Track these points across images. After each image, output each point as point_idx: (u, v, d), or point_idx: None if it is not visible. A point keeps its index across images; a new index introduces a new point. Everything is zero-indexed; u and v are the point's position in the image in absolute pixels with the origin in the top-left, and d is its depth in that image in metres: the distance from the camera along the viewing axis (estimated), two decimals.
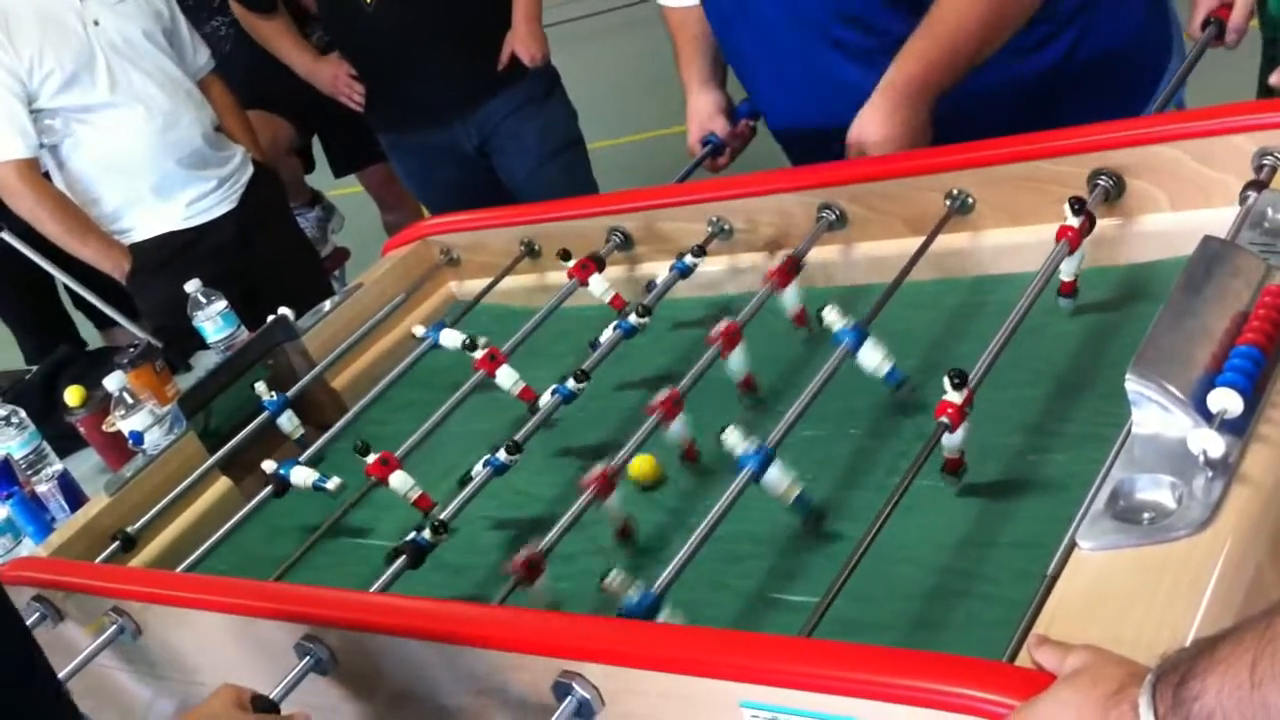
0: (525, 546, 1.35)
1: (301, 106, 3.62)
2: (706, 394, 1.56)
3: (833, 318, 1.45)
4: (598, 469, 1.41)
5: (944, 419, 1.26)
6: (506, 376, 1.76)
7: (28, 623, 0.96)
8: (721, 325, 1.57)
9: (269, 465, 1.72)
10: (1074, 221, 1.44)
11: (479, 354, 1.77)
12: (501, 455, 1.55)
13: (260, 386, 1.88)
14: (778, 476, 1.34)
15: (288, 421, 1.87)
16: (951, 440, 1.28)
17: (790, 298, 1.68)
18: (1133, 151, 1.50)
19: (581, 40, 6.56)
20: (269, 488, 1.71)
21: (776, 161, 2.20)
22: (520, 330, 1.86)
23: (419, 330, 1.90)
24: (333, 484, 1.67)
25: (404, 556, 1.45)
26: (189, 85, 3.07)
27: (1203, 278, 1.16)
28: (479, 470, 1.55)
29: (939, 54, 1.75)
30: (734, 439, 1.33)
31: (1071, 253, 1.45)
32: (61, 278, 3.44)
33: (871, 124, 1.77)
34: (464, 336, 1.81)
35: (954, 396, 1.26)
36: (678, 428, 1.51)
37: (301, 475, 1.70)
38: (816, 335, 1.67)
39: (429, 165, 3.30)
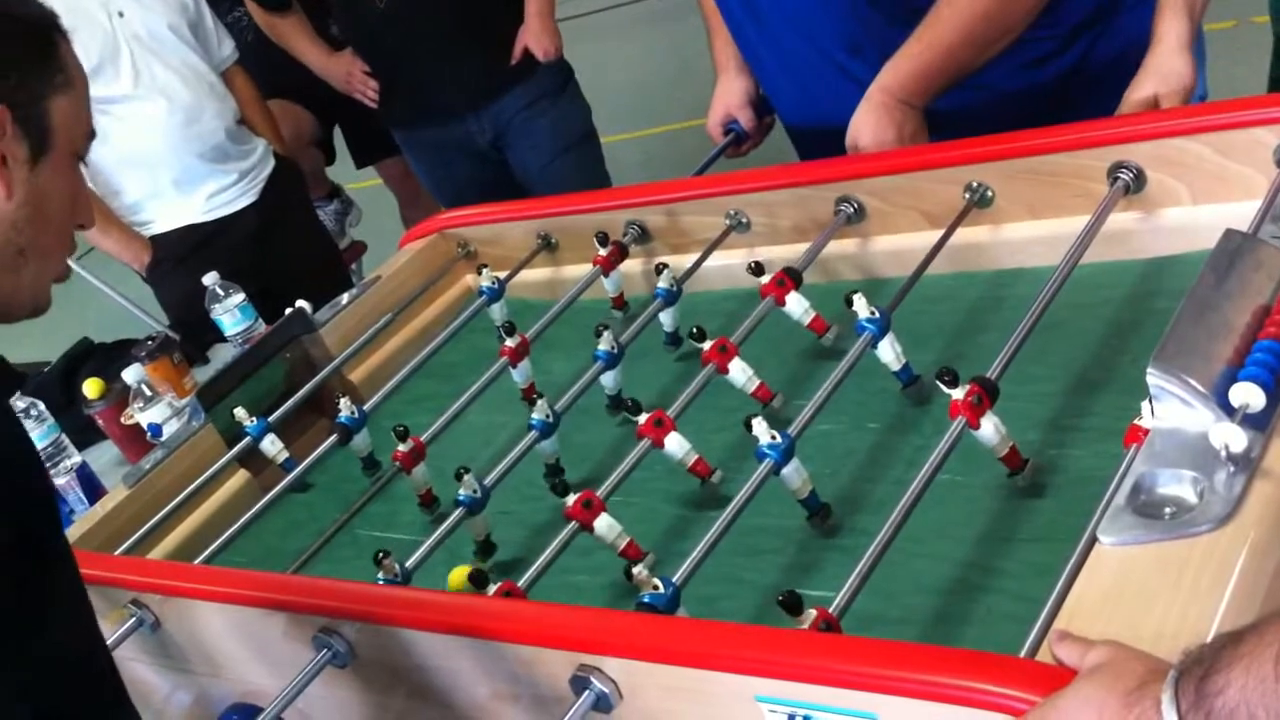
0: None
1: (324, 97, 3.61)
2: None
3: (860, 306, 1.46)
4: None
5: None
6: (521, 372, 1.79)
7: None
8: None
9: None
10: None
11: (511, 342, 1.77)
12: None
13: (240, 412, 1.85)
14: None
15: (270, 445, 1.84)
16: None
17: (796, 308, 1.66)
18: (1153, 144, 1.50)
19: (596, 34, 6.56)
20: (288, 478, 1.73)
21: (792, 154, 2.20)
22: (542, 319, 1.87)
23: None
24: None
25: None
26: (213, 78, 3.07)
27: (1225, 271, 1.16)
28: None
29: (932, 57, 1.76)
30: (760, 429, 1.33)
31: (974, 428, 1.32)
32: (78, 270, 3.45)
33: (864, 125, 1.81)
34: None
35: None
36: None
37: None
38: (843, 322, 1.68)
39: (443, 161, 3.31)
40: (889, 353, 1.47)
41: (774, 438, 1.32)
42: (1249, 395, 1.04)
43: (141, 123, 2.92)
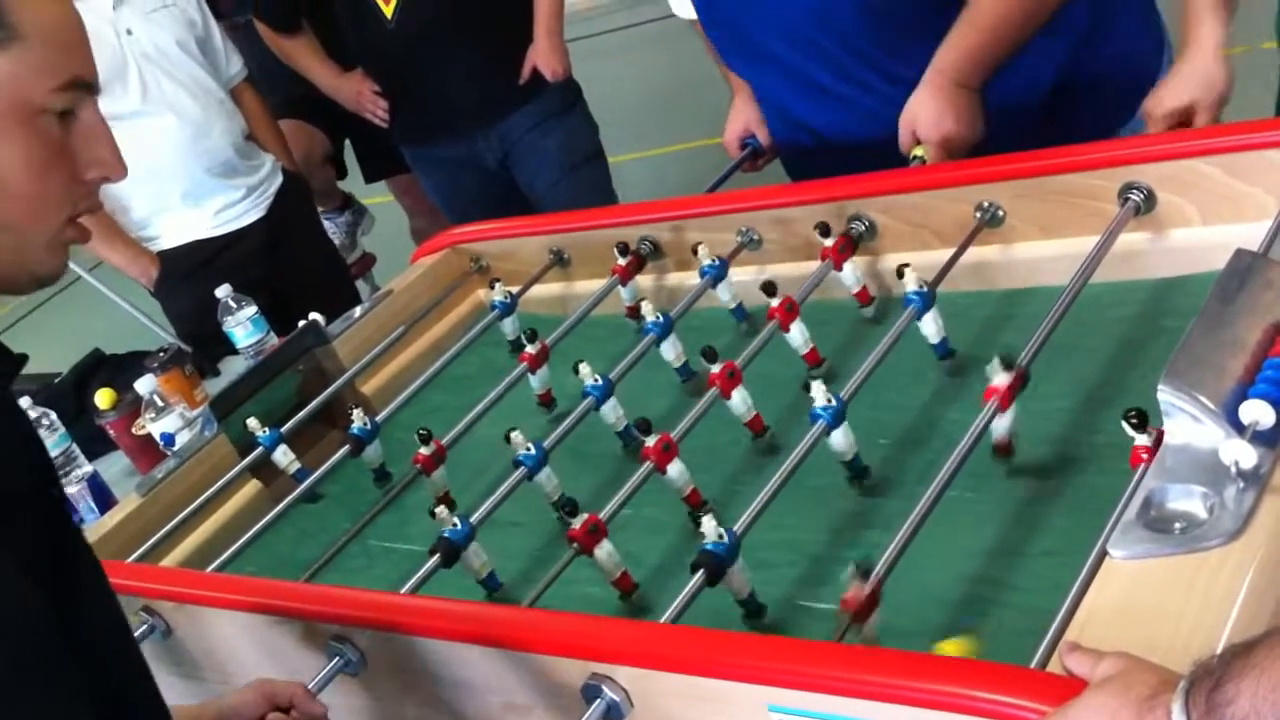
0: (585, 517, 1.38)
1: (338, 110, 3.62)
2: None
3: (909, 279, 1.52)
4: (654, 439, 1.44)
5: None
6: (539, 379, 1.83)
7: None
8: (776, 301, 1.62)
9: None
10: (1003, 380, 1.31)
11: (531, 348, 1.80)
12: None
13: (253, 422, 1.87)
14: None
15: (282, 456, 1.86)
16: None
17: (849, 276, 1.72)
18: (1164, 165, 1.51)
19: (605, 53, 6.59)
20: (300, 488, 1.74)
21: None
22: (556, 331, 1.88)
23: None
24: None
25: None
26: (221, 94, 3.09)
27: (1236, 290, 1.17)
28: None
29: (981, 41, 1.82)
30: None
31: (1003, 411, 1.31)
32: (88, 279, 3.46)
33: (922, 108, 1.85)
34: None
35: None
36: (738, 400, 1.55)
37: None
38: (869, 319, 1.74)
39: (452, 178, 3.32)
40: (931, 326, 1.54)
41: (829, 401, 1.38)
42: (1259, 412, 1.05)
43: (150, 138, 2.93)
